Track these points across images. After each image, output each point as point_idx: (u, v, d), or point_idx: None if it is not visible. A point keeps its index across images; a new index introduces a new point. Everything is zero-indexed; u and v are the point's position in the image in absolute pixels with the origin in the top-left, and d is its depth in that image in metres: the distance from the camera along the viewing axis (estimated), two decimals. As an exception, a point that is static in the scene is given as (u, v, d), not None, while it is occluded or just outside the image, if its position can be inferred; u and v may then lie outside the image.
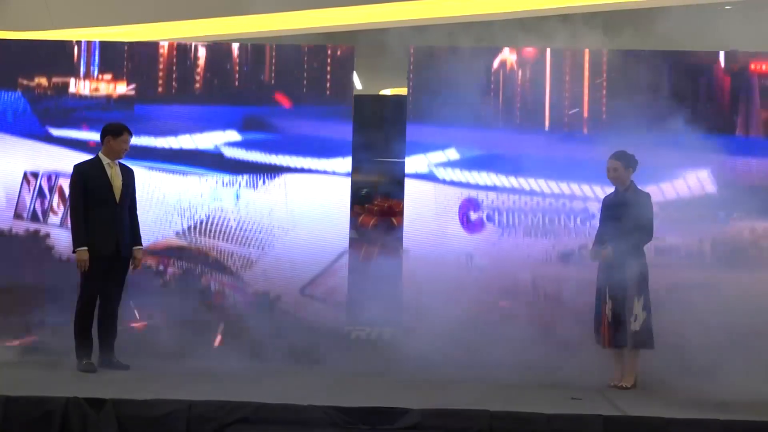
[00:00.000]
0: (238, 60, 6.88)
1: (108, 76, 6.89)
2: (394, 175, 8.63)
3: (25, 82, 6.89)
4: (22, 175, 6.86)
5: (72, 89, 6.89)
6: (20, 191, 6.86)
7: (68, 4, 9.84)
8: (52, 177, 6.86)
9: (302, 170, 6.79)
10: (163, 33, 9.85)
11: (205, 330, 6.64)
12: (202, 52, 6.86)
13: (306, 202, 6.77)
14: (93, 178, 6.13)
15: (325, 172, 6.80)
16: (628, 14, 9.13)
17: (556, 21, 7.56)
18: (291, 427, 4.82)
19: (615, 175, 6.08)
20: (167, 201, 6.73)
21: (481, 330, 6.43)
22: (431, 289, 6.60)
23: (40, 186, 6.87)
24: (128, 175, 6.27)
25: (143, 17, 9.90)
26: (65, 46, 6.93)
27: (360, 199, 8.48)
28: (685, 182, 6.62)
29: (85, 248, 6.05)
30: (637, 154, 6.10)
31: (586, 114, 6.79)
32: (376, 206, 8.48)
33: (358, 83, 10.84)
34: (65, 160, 6.72)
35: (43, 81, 6.89)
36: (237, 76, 6.87)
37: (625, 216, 5.96)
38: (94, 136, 6.67)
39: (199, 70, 6.87)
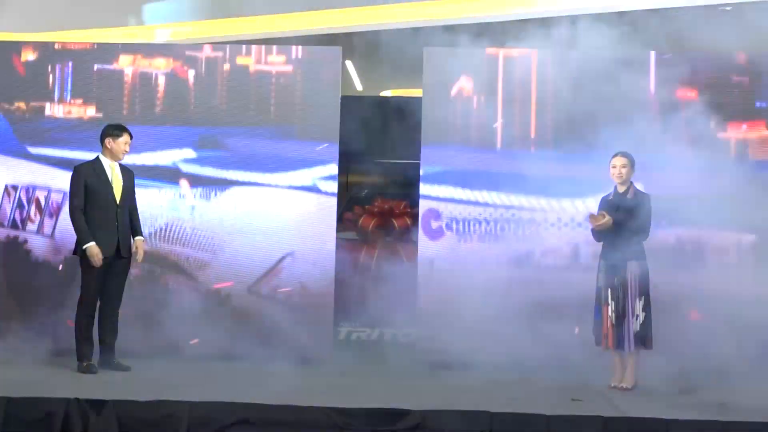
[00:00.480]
0: (194, 86, 7.41)
1: (79, 101, 7.40)
2: (395, 176, 9.05)
3: (6, 105, 7.41)
4: (3, 188, 7.36)
5: (47, 112, 7.39)
6: (1, 202, 7.35)
7: (67, 5, 9.93)
8: (29, 189, 7.34)
9: (249, 183, 7.33)
10: (161, 35, 9.95)
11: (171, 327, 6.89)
12: (161, 80, 7.43)
13: (252, 212, 7.29)
14: (94, 179, 6.26)
15: (268, 185, 7.32)
16: (626, 14, 8.90)
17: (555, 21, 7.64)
18: (291, 429, 4.82)
19: (623, 171, 6.09)
20: (131, 211, 6.89)
21: (483, 331, 6.53)
22: (434, 291, 6.90)
23: (20, 197, 7.35)
24: (128, 176, 6.45)
25: (139, 20, 10.01)
26: (42, 74, 7.45)
27: (360, 200, 8.81)
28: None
29: (93, 243, 6.11)
30: (580, 169, 6.56)
31: (533, 135, 7.22)
32: (377, 207, 8.82)
33: (358, 84, 10.95)
34: (41, 175, 7.34)
35: (22, 105, 7.41)
36: (193, 100, 7.42)
37: (627, 216, 5.99)
38: (67, 154, 7.28)
39: (159, 95, 7.43)
